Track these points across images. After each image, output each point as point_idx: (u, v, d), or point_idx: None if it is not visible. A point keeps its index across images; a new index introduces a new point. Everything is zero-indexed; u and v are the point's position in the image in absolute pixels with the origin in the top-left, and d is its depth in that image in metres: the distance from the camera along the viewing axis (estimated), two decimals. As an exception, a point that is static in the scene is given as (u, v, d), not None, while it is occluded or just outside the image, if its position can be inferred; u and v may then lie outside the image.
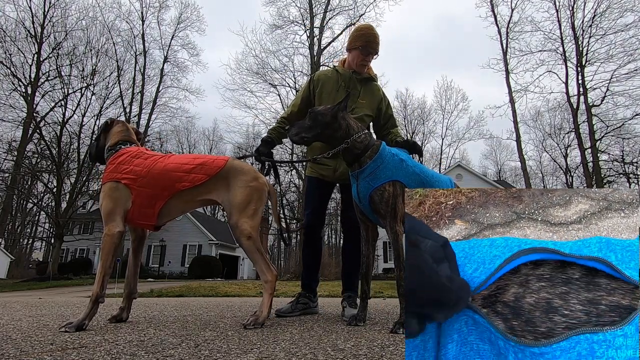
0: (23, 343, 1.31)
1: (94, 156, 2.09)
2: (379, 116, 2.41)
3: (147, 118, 23.47)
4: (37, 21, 19.85)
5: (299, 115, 2.33)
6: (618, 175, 20.21)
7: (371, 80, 2.41)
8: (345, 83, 2.32)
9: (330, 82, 2.35)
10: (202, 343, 1.31)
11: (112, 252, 1.71)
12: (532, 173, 28.36)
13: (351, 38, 2.33)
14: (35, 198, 24.80)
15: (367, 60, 2.31)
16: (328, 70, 2.46)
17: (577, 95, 18.60)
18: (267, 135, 2.31)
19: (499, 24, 20.37)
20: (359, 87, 2.34)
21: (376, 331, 1.61)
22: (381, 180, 1.75)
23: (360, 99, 2.32)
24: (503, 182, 29.32)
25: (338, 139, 1.82)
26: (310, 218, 2.41)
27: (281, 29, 19.97)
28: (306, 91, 2.39)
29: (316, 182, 2.43)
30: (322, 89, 2.34)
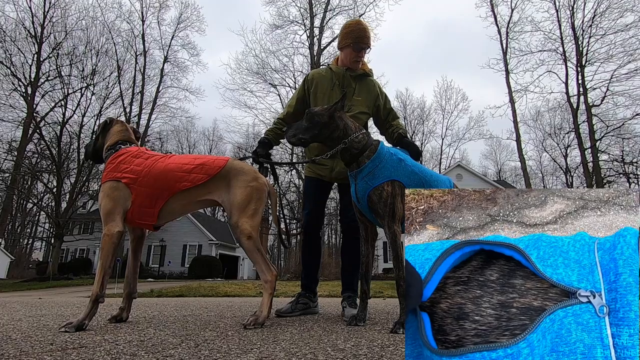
0: (23, 343, 1.31)
1: (90, 154, 2.09)
2: (378, 112, 2.40)
3: (147, 118, 23.50)
4: (37, 21, 19.87)
5: (295, 115, 2.33)
6: (618, 175, 20.20)
7: (366, 76, 2.39)
8: (339, 81, 2.32)
9: (324, 81, 2.35)
10: (202, 343, 1.31)
11: (111, 252, 1.71)
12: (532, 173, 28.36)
13: (341, 36, 2.33)
14: (35, 198, 24.79)
15: (359, 56, 2.30)
16: (322, 69, 2.46)
17: (577, 95, 18.61)
18: (264, 137, 2.32)
19: (498, 24, 20.41)
20: (354, 84, 2.33)
21: (376, 331, 1.61)
22: (380, 180, 1.74)
23: (356, 96, 2.31)
24: (503, 182, 29.30)
25: (336, 140, 1.82)
26: (309, 218, 2.41)
27: (281, 29, 20.01)
28: (301, 91, 2.40)
29: (314, 182, 2.44)
30: (317, 88, 2.34)
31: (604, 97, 18.12)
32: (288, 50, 20.41)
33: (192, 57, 31.75)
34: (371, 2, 19.28)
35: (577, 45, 18.65)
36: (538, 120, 27.12)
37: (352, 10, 19.46)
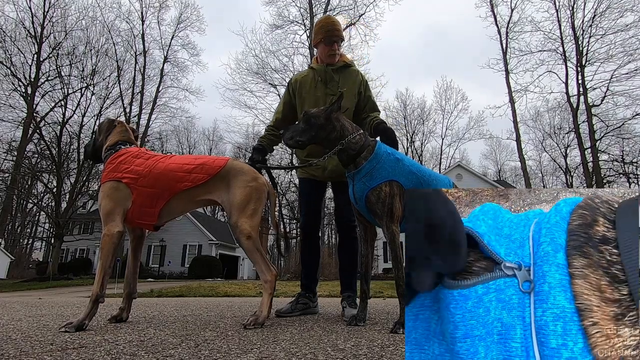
0: (23, 343, 1.31)
1: (90, 154, 2.09)
2: (358, 100, 2.35)
3: (147, 118, 23.49)
4: (37, 21, 19.87)
5: (285, 121, 2.36)
6: (618, 175, 20.21)
7: (347, 67, 2.37)
8: (321, 77, 2.33)
9: (307, 80, 2.36)
10: (202, 343, 1.31)
11: (111, 252, 1.71)
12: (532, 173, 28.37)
13: (313, 35, 2.36)
14: (35, 198, 24.79)
15: (333, 49, 2.30)
16: (303, 71, 2.48)
17: (577, 95, 18.62)
18: (259, 143, 2.34)
19: (498, 24, 20.41)
20: (337, 77, 2.33)
21: (376, 331, 1.61)
22: (377, 180, 1.74)
23: (340, 88, 2.29)
24: (503, 182, 29.30)
25: (333, 141, 1.82)
26: (306, 219, 2.42)
27: (281, 29, 20.01)
28: (287, 96, 2.42)
29: (308, 183, 2.45)
30: (301, 89, 2.35)
31: (604, 97, 18.14)
32: (288, 50, 20.42)
33: (192, 57, 31.70)
34: (371, 2, 19.29)
35: (577, 45, 18.65)
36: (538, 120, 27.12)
37: (352, 10, 19.48)
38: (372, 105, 2.38)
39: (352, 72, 2.38)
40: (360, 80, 2.36)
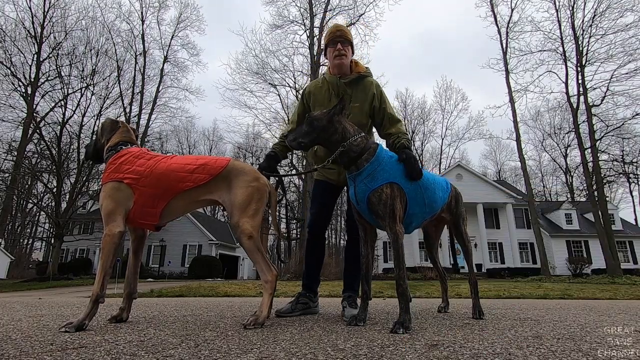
0: (23, 343, 1.31)
1: (91, 155, 2.09)
2: (373, 115, 2.27)
3: (147, 118, 23.50)
4: (37, 21, 19.87)
5: None
6: (618, 175, 20.22)
7: (361, 78, 2.27)
8: (334, 91, 2.28)
9: (321, 92, 2.33)
10: (202, 343, 1.31)
11: (112, 252, 1.71)
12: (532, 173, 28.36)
13: (322, 44, 2.38)
14: (35, 198, 24.80)
15: (338, 49, 2.23)
16: (318, 80, 2.43)
17: (577, 95, 18.60)
18: (271, 150, 2.32)
19: (498, 24, 20.37)
20: (350, 91, 2.25)
21: (376, 331, 1.61)
22: (379, 182, 1.77)
23: (352, 103, 2.24)
24: (503, 181, 29.29)
25: (334, 143, 1.85)
26: (314, 218, 2.42)
27: (281, 29, 20.01)
28: (301, 106, 2.41)
29: (322, 185, 2.46)
30: (315, 100, 2.33)
31: (604, 97, 18.11)
32: (288, 50, 20.52)
33: (192, 57, 31.88)
34: (371, 2, 19.29)
35: (577, 45, 18.63)
36: (538, 120, 27.16)
37: (352, 10, 19.49)
38: (390, 118, 2.24)
39: (367, 84, 2.27)
40: (373, 93, 2.24)
